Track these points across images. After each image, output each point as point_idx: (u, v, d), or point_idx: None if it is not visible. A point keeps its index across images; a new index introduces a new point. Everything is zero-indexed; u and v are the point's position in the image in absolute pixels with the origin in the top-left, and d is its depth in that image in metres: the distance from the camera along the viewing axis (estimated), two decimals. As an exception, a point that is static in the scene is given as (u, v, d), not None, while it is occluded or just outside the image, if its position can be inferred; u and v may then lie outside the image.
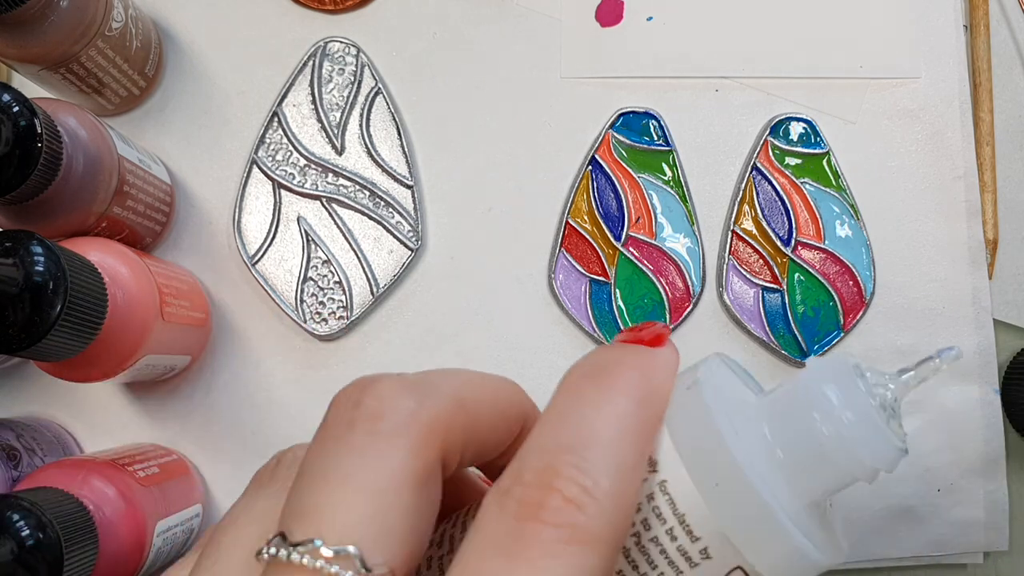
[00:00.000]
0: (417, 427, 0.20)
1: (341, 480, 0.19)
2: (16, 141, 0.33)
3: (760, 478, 0.21)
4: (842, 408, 0.22)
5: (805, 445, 0.22)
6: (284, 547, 0.19)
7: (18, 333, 0.31)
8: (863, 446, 0.22)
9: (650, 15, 0.48)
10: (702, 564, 0.21)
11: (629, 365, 0.21)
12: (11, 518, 0.30)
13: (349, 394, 0.21)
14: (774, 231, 0.46)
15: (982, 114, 0.47)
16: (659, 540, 0.21)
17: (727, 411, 0.22)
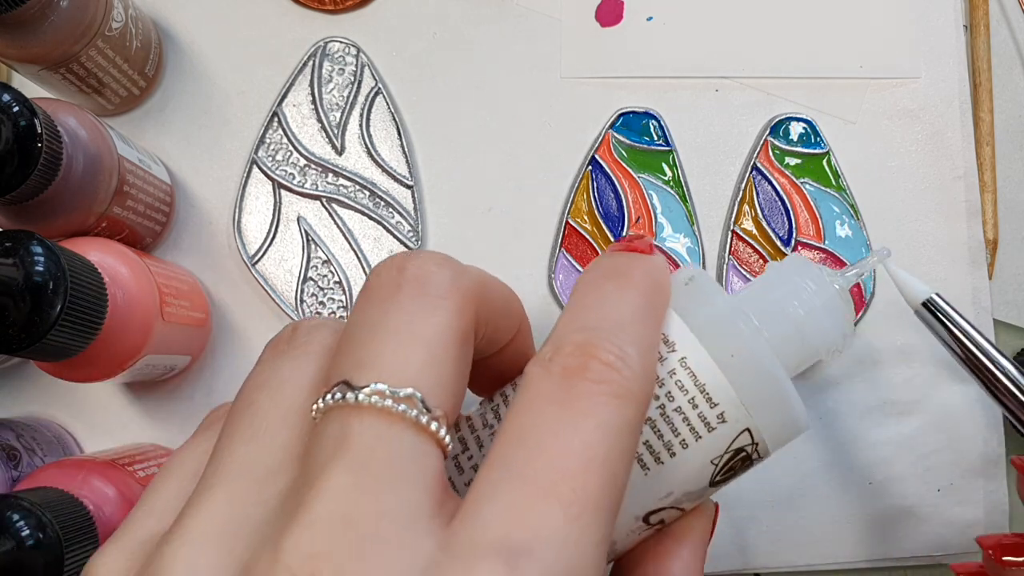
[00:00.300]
0: (458, 293, 0.22)
1: (395, 333, 0.21)
2: (16, 141, 0.33)
3: (766, 350, 0.25)
4: (814, 294, 0.27)
5: (786, 325, 0.27)
6: (351, 391, 0.20)
7: (18, 333, 0.31)
8: (829, 323, 0.27)
9: (650, 15, 0.48)
10: (718, 428, 0.24)
11: (637, 266, 0.25)
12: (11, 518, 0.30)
13: (392, 263, 0.23)
14: (774, 231, 0.46)
15: (982, 114, 0.47)
16: (682, 409, 0.24)
17: (725, 296, 0.26)
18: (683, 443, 0.24)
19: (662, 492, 0.25)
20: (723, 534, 0.44)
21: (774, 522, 0.45)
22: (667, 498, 0.25)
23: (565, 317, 0.23)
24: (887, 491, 0.45)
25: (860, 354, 0.46)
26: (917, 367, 0.45)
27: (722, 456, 0.25)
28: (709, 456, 0.25)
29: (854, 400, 0.45)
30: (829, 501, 0.45)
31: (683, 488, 0.25)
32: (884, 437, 0.45)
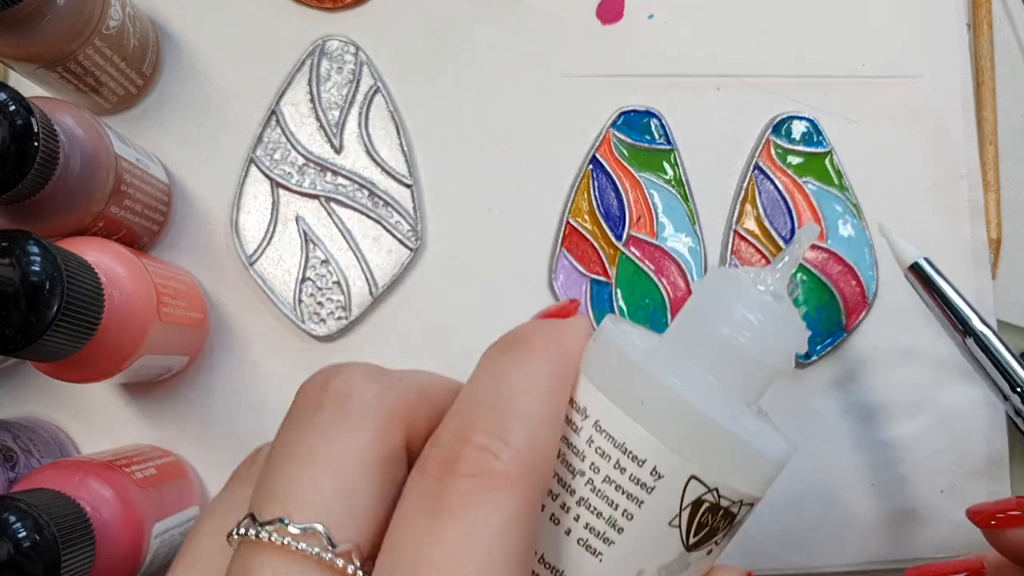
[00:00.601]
0: (383, 410, 0.21)
1: (308, 460, 0.20)
2: (12, 140, 0.33)
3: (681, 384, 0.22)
4: (746, 312, 0.24)
5: (718, 350, 0.24)
6: (253, 526, 0.19)
7: (15, 333, 0.31)
8: (777, 338, 0.24)
9: (651, 13, 0.48)
10: (657, 485, 0.22)
11: (540, 334, 0.23)
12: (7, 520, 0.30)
13: (317, 379, 0.22)
14: (776, 230, 0.45)
15: (985, 113, 0.47)
16: (611, 478, 0.22)
17: (633, 342, 0.23)
18: (627, 514, 0.22)
19: (630, 574, 0.22)
20: (725, 536, 0.44)
21: (776, 523, 0.44)
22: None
23: (455, 401, 0.22)
24: (889, 492, 0.45)
25: (863, 355, 0.45)
26: (920, 368, 0.45)
27: (680, 515, 0.22)
28: (664, 519, 0.22)
29: (856, 401, 0.45)
30: (831, 502, 0.45)
31: (654, 562, 0.22)
32: (886, 438, 0.45)
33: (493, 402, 0.21)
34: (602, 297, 0.45)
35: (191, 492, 0.43)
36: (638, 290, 0.45)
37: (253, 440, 0.45)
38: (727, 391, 0.24)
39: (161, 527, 0.38)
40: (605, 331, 0.24)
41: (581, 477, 0.22)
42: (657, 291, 0.45)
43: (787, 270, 0.25)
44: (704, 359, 0.24)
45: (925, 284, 0.35)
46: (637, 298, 0.45)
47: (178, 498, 0.41)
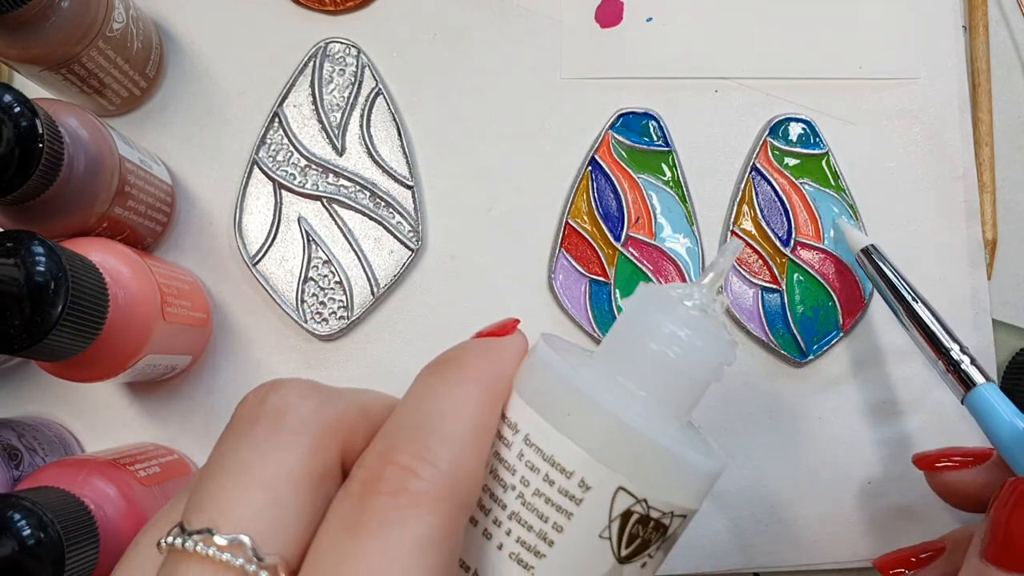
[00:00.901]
0: (318, 426, 0.21)
1: (239, 473, 0.20)
2: (17, 142, 0.33)
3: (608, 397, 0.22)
4: (674, 328, 0.24)
5: (654, 371, 0.24)
6: (181, 536, 0.19)
7: (19, 333, 0.31)
8: (704, 351, 0.24)
9: (650, 16, 0.48)
10: (586, 498, 0.22)
11: (472, 353, 0.23)
12: (12, 517, 0.30)
13: (256, 393, 0.22)
14: (773, 231, 0.46)
15: (981, 115, 0.47)
16: (541, 491, 0.22)
17: (562, 359, 0.23)
18: (556, 527, 0.22)
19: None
20: (723, 534, 0.45)
21: (774, 522, 0.45)
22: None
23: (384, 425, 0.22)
24: (886, 490, 0.45)
25: (859, 354, 0.46)
26: (916, 367, 0.45)
27: (609, 527, 0.22)
28: (595, 531, 0.22)
29: (853, 400, 0.45)
30: (828, 501, 0.45)
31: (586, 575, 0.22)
32: (883, 437, 0.45)
33: (419, 423, 0.21)
34: (601, 297, 0.45)
35: (194, 490, 0.43)
36: (637, 290, 0.45)
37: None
38: (657, 405, 0.24)
39: (164, 524, 0.38)
40: (536, 348, 0.24)
41: (512, 491, 0.22)
42: (656, 291, 0.45)
43: (713, 284, 0.25)
44: (634, 374, 0.24)
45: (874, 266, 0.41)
46: (636, 298, 0.45)
47: (181, 496, 0.41)
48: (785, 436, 0.45)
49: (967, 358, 0.37)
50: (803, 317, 0.45)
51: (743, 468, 0.45)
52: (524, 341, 0.25)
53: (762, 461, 0.45)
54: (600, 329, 0.45)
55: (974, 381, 0.36)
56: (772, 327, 0.45)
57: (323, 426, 0.21)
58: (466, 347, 0.24)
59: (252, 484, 0.20)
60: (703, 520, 0.45)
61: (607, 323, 0.45)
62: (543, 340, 0.24)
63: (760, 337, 0.45)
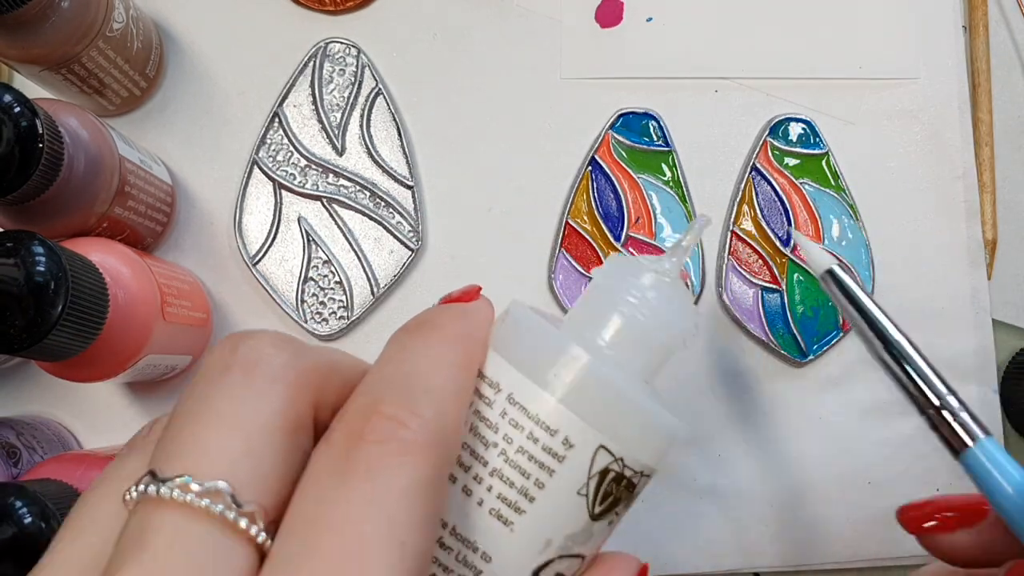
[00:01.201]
0: (291, 377, 0.20)
1: (214, 420, 0.20)
2: (17, 142, 0.33)
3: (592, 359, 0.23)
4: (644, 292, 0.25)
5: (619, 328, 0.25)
6: (154, 483, 0.19)
7: (20, 333, 0.31)
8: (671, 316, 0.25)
9: (650, 16, 0.48)
10: (568, 455, 0.23)
11: (446, 316, 0.24)
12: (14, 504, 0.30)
13: (226, 343, 0.21)
14: (773, 231, 0.46)
15: (981, 115, 0.47)
16: (524, 448, 0.23)
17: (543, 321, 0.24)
18: (538, 483, 0.23)
19: (538, 544, 0.23)
20: (723, 534, 0.45)
21: (774, 522, 0.45)
22: (548, 548, 0.23)
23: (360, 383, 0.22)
24: (886, 491, 0.45)
25: (859, 354, 0.46)
26: (916, 367, 0.45)
27: (587, 484, 0.23)
28: (574, 488, 0.23)
29: (853, 400, 0.45)
30: (828, 500, 0.45)
31: (561, 532, 0.23)
32: (883, 437, 0.45)
33: (401, 379, 0.21)
34: (601, 297, 0.45)
35: (194, 490, 0.43)
36: (637, 290, 0.45)
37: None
38: (628, 366, 0.25)
39: (164, 524, 0.38)
40: (516, 310, 0.25)
41: (494, 448, 0.23)
42: (656, 291, 0.45)
43: (680, 256, 0.26)
44: (606, 336, 0.25)
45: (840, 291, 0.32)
46: (636, 298, 0.45)
47: (181, 496, 0.41)
48: (785, 436, 0.45)
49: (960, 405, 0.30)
50: (803, 317, 0.45)
51: (743, 468, 0.45)
52: (490, 304, 0.25)
53: (762, 461, 0.45)
54: (600, 329, 0.45)
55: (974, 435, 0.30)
56: (772, 327, 0.45)
57: (296, 378, 0.21)
58: (439, 310, 0.24)
59: (228, 431, 0.19)
60: (703, 520, 0.45)
61: None
62: (516, 304, 0.25)
63: (760, 337, 0.45)
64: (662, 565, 0.45)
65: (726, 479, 0.45)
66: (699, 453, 0.45)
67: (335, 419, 0.21)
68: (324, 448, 0.20)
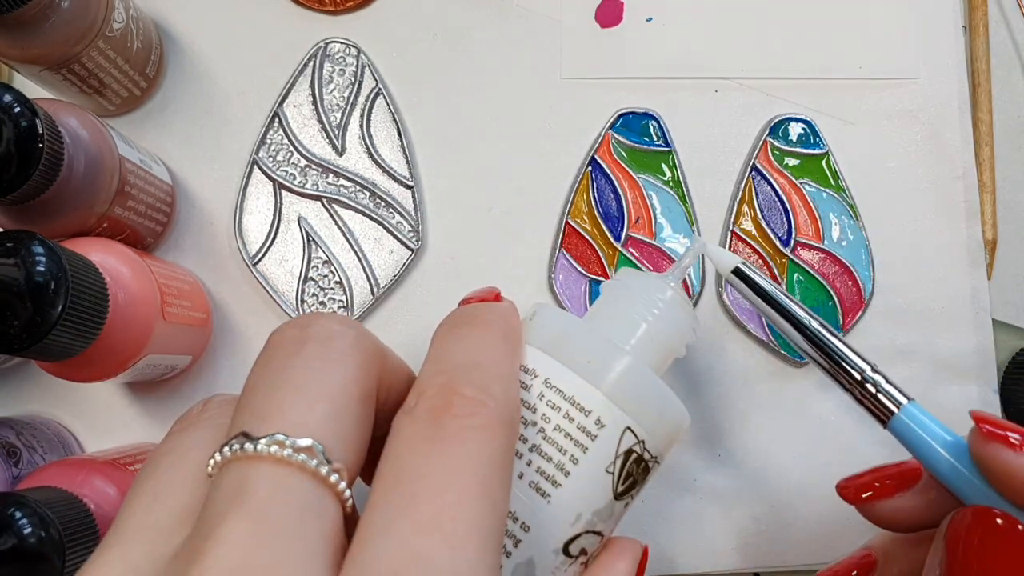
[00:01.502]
0: (362, 351, 0.23)
1: (298, 386, 0.21)
2: (17, 142, 0.33)
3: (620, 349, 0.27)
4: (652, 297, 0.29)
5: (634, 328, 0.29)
6: (249, 441, 0.20)
7: (19, 333, 0.31)
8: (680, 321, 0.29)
9: (650, 16, 0.48)
10: (600, 434, 0.25)
11: (486, 311, 0.26)
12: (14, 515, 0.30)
13: (296, 322, 0.23)
14: (773, 231, 0.46)
15: (981, 115, 0.47)
16: (561, 426, 0.25)
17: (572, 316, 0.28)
18: (573, 459, 0.25)
19: (571, 517, 0.25)
20: (723, 534, 0.45)
21: (774, 522, 0.45)
22: (578, 522, 0.25)
23: (425, 366, 0.24)
24: (886, 491, 0.45)
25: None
26: (916, 367, 0.45)
27: (615, 462, 0.25)
28: (603, 465, 0.25)
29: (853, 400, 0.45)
30: (828, 500, 0.45)
31: (590, 507, 0.25)
32: (883, 437, 0.45)
33: (472, 364, 0.23)
34: (601, 297, 0.45)
35: (194, 490, 0.43)
36: (637, 290, 0.45)
37: (255, 439, 0.45)
38: (647, 362, 0.29)
39: (164, 524, 0.38)
40: (545, 308, 0.28)
41: (533, 427, 0.25)
42: (656, 291, 0.45)
43: (682, 274, 0.31)
44: (628, 334, 0.29)
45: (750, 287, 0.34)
46: (636, 298, 0.45)
47: (181, 496, 0.41)
48: (785, 436, 0.45)
49: (881, 377, 0.32)
50: (803, 317, 0.45)
51: (743, 468, 0.45)
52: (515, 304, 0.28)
53: (762, 461, 0.45)
54: (600, 329, 0.45)
55: (898, 402, 0.31)
56: (772, 327, 0.45)
57: (365, 352, 0.23)
58: (484, 307, 0.27)
59: (314, 396, 0.21)
60: (703, 520, 0.45)
61: None
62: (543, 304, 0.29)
63: (760, 337, 0.45)
64: (662, 565, 0.45)
65: (726, 479, 0.45)
66: (699, 453, 0.45)
67: (412, 395, 0.23)
68: (409, 420, 0.22)
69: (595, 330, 0.27)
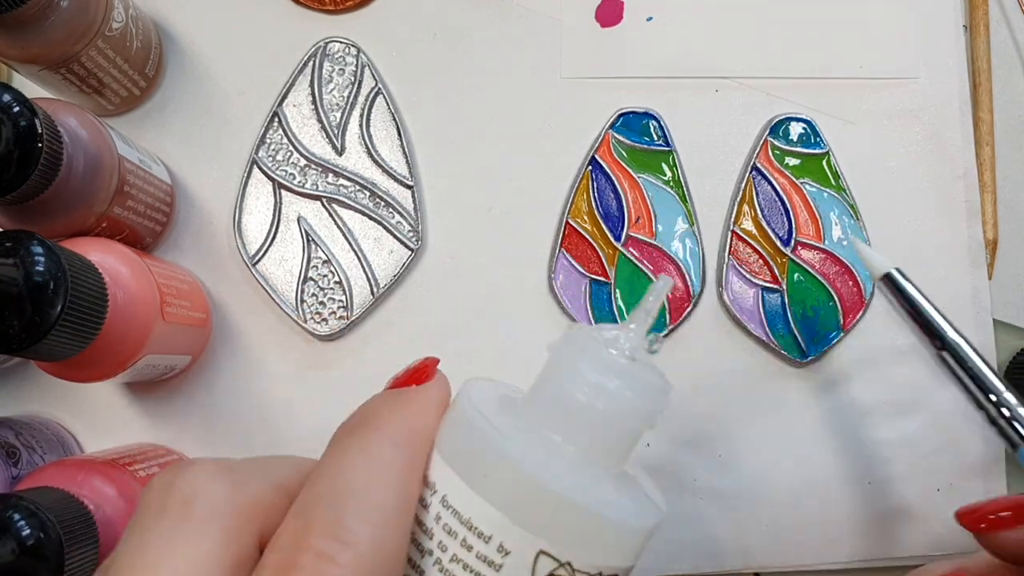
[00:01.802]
0: (231, 512, 0.20)
1: (149, 569, 0.19)
2: (16, 141, 0.33)
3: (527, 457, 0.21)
4: (601, 378, 0.22)
5: (582, 425, 0.22)
6: None
7: (19, 333, 0.31)
8: (634, 400, 0.23)
9: (650, 15, 0.48)
10: (505, 563, 0.21)
11: (388, 411, 0.22)
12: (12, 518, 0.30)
13: (162, 478, 0.20)
14: (774, 231, 0.46)
15: (982, 114, 0.47)
16: (458, 556, 0.21)
17: (484, 412, 0.22)
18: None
19: None
20: (723, 534, 0.45)
21: (774, 522, 0.45)
22: None
23: (297, 499, 0.20)
24: (886, 491, 0.45)
25: (860, 354, 0.46)
26: (917, 367, 0.45)
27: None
28: None
29: (854, 400, 0.45)
30: (828, 501, 0.45)
31: None
32: (883, 437, 0.45)
33: (335, 497, 0.20)
34: (601, 297, 0.45)
35: (193, 490, 0.43)
36: (637, 290, 0.45)
37: (255, 438, 0.45)
38: (586, 459, 0.23)
39: (164, 525, 0.38)
40: (458, 399, 0.23)
41: (430, 557, 0.21)
42: (656, 291, 0.45)
43: (642, 327, 0.24)
44: (560, 427, 0.23)
45: (898, 294, 0.35)
46: (636, 298, 0.45)
47: (180, 496, 0.41)
48: (785, 436, 0.45)
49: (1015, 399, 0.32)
50: (803, 317, 0.45)
51: (743, 468, 0.45)
52: (444, 387, 0.23)
53: (762, 461, 0.45)
54: (600, 329, 0.45)
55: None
56: (772, 327, 0.45)
57: (236, 512, 0.20)
58: (383, 401, 0.22)
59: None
60: (703, 520, 0.45)
61: (607, 323, 0.45)
62: (466, 388, 0.23)
63: (760, 337, 0.45)
64: (662, 565, 0.45)
65: (726, 479, 0.45)
66: (699, 453, 0.45)
67: (268, 547, 0.20)
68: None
69: (507, 429, 0.22)
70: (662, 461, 0.45)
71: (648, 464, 0.45)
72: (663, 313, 0.45)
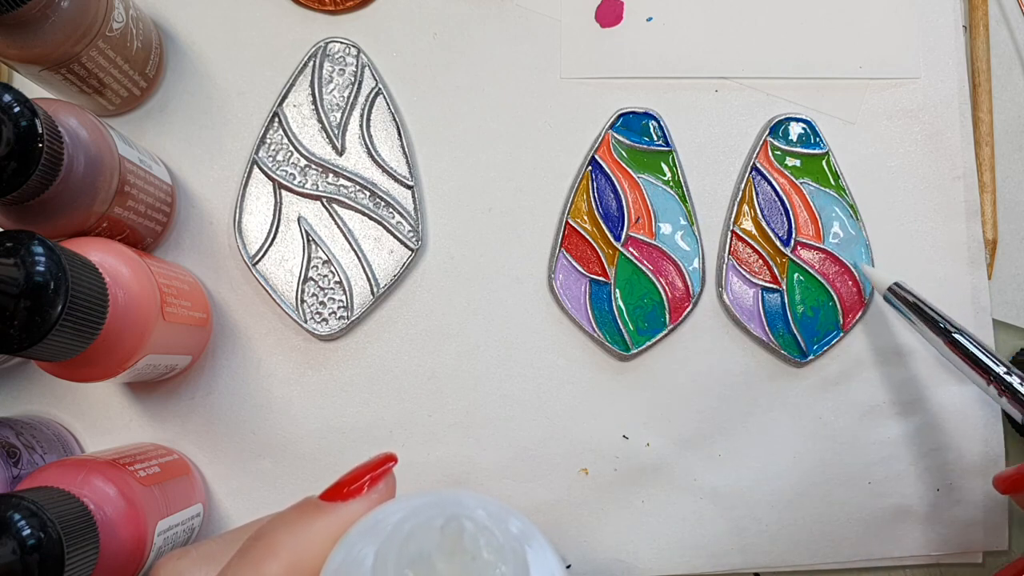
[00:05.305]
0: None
1: None
2: (17, 141, 0.33)
3: None
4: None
5: None
6: None
7: (19, 333, 0.31)
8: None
9: (650, 15, 0.48)
10: None
11: (291, 533, 0.21)
12: (13, 518, 0.30)
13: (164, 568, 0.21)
14: (773, 231, 0.46)
15: (981, 114, 0.47)
16: None
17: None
18: None
19: None
20: (723, 534, 0.45)
21: (774, 522, 0.45)
22: None
23: None
24: (886, 491, 0.45)
25: (859, 354, 0.46)
26: (916, 367, 0.45)
27: None
28: None
29: (853, 400, 0.45)
30: (828, 500, 0.45)
31: None
32: (883, 437, 0.45)
33: None
34: (601, 297, 0.45)
35: (194, 490, 0.43)
36: (637, 290, 0.45)
37: (255, 438, 0.45)
38: None
39: (164, 525, 0.38)
40: (332, 554, 0.21)
41: None
42: (656, 291, 0.45)
43: (522, 551, 0.20)
44: None
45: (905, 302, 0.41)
46: (636, 298, 0.45)
47: (181, 496, 0.41)
48: (785, 436, 0.45)
49: (1017, 377, 0.37)
50: (803, 317, 0.45)
51: (743, 468, 0.45)
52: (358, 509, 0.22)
53: (762, 461, 0.45)
54: (600, 329, 0.45)
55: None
56: (772, 327, 0.45)
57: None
58: (277, 526, 0.22)
59: None
60: (703, 520, 0.45)
61: (607, 323, 0.45)
62: (346, 541, 0.21)
63: (760, 337, 0.45)
64: (663, 565, 0.45)
65: (726, 479, 0.45)
66: (699, 453, 0.45)
67: None
68: None
69: None
70: (662, 461, 0.45)
71: (648, 464, 0.45)
72: (663, 313, 0.45)
